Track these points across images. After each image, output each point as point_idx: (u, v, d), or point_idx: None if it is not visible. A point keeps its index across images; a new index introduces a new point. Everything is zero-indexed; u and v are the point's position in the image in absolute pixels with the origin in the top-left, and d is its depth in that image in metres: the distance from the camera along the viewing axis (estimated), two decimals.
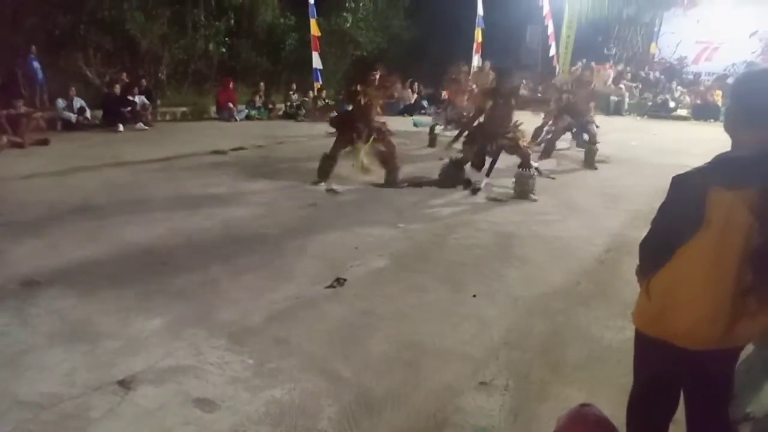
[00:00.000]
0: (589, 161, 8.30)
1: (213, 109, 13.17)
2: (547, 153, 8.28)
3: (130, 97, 11.04)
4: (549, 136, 8.70)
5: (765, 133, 1.49)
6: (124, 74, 11.89)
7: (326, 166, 6.67)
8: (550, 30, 19.69)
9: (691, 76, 19.29)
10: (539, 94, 8.96)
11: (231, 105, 12.77)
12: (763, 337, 1.68)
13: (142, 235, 4.59)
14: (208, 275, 3.80)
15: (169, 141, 9.46)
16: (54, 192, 5.84)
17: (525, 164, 6.38)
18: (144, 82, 12.10)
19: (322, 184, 6.57)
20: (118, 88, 11.01)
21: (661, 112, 16.72)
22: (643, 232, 1.75)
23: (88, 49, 12.48)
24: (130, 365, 2.65)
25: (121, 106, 10.71)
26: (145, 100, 11.45)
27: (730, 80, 17.75)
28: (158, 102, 12.31)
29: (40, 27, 11.70)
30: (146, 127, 10.78)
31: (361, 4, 18.06)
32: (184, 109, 13.05)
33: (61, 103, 10.21)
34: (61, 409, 2.33)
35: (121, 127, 10.33)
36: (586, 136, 8.57)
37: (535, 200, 6.19)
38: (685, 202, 1.55)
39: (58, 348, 2.80)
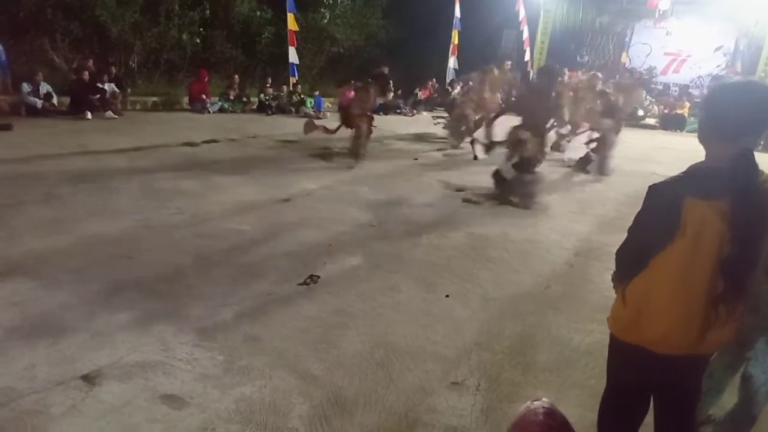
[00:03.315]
0: None
1: (185, 100, 12.90)
2: None
3: (100, 85, 10.72)
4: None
5: (736, 146, 1.53)
6: (90, 62, 11.44)
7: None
8: (526, 35, 20.04)
9: (660, 87, 19.83)
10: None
11: (204, 97, 12.54)
12: (732, 342, 1.73)
13: (107, 227, 4.46)
14: (176, 270, 3.72)
15: (138, 131, 9.23)
16: (15, 180, 5.62)
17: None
18: (114, 69, 11.74)
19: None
20: (86, 75, 10.66)
21: (630, 120, 17.13)
22: (611, 237, 1.79)
23: (55, 34, 12.04)
24: (94, 360, 2.57)
25: (90, 94, 10.37)
26: (115, 88, 11.13)
27: (693, 90, 18.38)
28: (128, 91, 11.98)
29: (3, 8, 11.24)
30: (115, 116, 10.47)
31: (338, 1, 17.97)
32: (155, 98, 12.73)
33: (26, 87, 9.80)
34: (19, 404, 2.24)
35: (89, 115, 10.01)
36: None
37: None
38: (661, 211, 1.58)
39: (18, 342, 2.69)
